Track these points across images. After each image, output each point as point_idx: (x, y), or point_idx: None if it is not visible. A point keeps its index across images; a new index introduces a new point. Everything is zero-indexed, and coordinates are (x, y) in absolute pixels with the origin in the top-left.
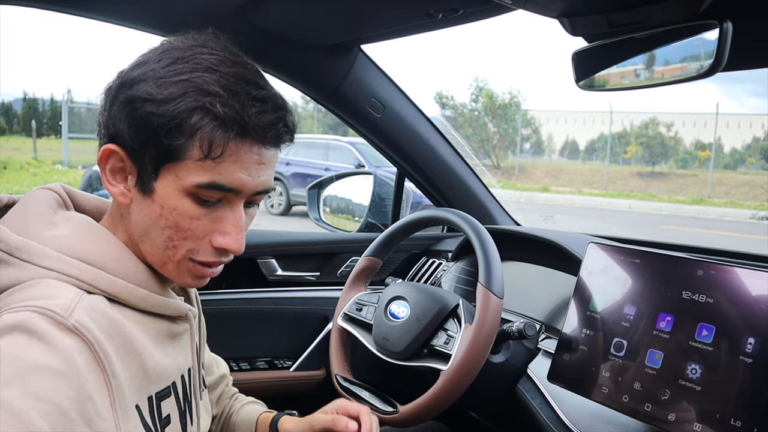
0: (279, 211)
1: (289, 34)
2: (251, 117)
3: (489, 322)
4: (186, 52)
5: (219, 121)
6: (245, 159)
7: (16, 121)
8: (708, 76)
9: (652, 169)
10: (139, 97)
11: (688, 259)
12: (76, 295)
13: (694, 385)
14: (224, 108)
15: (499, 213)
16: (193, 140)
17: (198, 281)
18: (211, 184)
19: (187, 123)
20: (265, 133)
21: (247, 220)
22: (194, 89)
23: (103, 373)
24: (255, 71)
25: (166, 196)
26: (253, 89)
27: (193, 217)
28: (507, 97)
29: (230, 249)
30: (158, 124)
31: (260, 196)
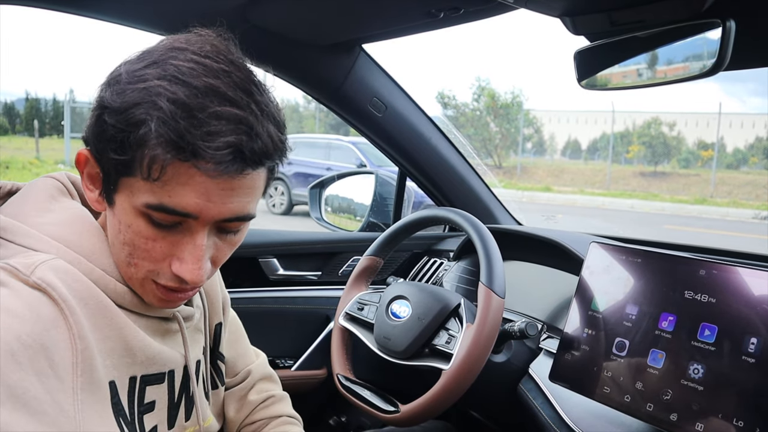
0: (281, 211)
1: (290, 34)
2: (196, 138)
3: (490, 321)
4: (162, 55)
5: (158, 140)
6: (198, 183)
7: (19, 120)
8: (711, 75)
9: (655, 168)
10: (102, 103)
11: (690, 259)
12: (46, 257)
13: (696, 385)
14: (165, 126)
15: (501, 212)
16: (138, 156)
17: (165, 304)
18: (159, 206)
19: (133, 137)
20: (215, 158)
21: (225, 248)
22: (148, 101)
23: (69, 331)
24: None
25: (123, 211)
26: (216, 105)
27: (149, 238)
28: (509, 97)
29: (185, 279)
30: (110, 134)
31: (234, 224)
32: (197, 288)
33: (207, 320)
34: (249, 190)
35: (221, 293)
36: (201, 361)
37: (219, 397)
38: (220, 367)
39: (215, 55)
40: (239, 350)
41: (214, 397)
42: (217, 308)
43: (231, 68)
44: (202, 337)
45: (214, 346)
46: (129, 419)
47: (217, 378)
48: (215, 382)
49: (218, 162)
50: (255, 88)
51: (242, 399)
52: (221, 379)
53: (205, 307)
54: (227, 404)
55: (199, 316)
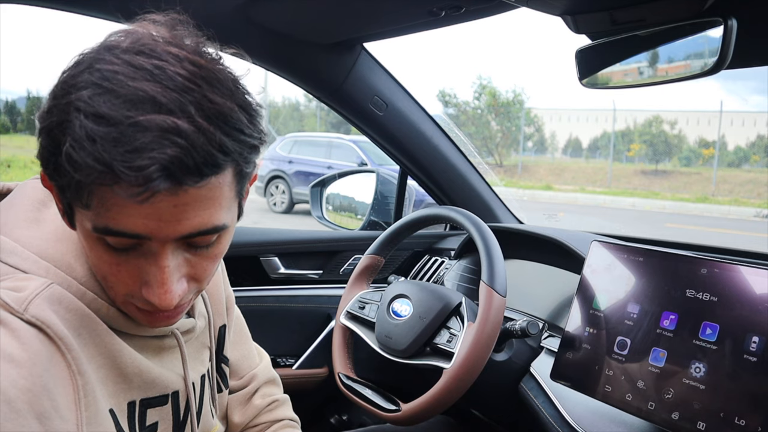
0: (281, 209)
1: (291, 32)
2: (114, 160)
3: (492, 320)
4: (93, 56)
5: (76, 166)
6: (137, 206)
7: (20, 119)
8: (712, 73)
9: (656, 167)
10: (38, 116)
11: (691, 258)
12: (41, 285)
13: (698, 384)
14: (81, 151)
15: (502, 211)
16: (67, 183)
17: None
18: (105, 229)
19: (60, 161)
20: (139, 181)
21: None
22: (65, 120)
23: (68, 368)
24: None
25: (82, 236)
26: (141, 114)
27: (111, 263)
28: (510, 95)
29: (154, 304)
30: (44, 158)
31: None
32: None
33: (212, 327)
34: (208, 201)
35: (225, 292)
36: (206, 373)
37: (223, 400)
38: (224, 370)
39: (151, 48)
40: (243, 351)
41: (220, 400)
42: (221, 310)
43: (168, 61)
44: (206, 351)
45: (218, 350)
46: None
47: (221, 382)
48: (219, 386)
49: (143, 184)
50: (202, 81)
51: (247, 403)
52: (225, 382)
53: (209, 314)
54: (232, 408)
55: (203, 326)
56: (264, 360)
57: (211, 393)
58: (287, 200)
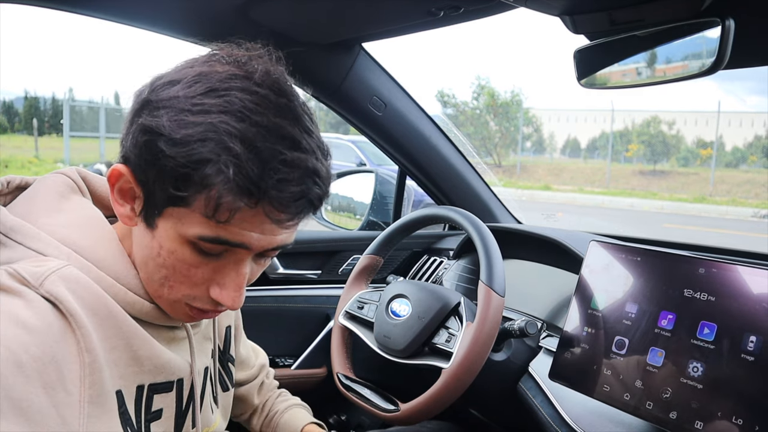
0: None
1: (290, 32)
2: (269, 186)
3: (490, 320)
4: (223, 84)
5: (231, 185)
6: (257, 222)
7: (18, 119)
8: (710, 74)
9: (654, 167)
10: (154, 129)
11: (689, 257)
12: (58, 265)
13: (695, 384)
14: (240, 172)
15: (501, 211)
16: (200, 195)
17: (192, 320)
18: (215, 239)
19: (197, 175)
20: (283, 206)
21: (258, 270)
22: (214, 138)
23: (77, 344)
24: (295, 117)
25: (166, 237)
26: (285, 148)
27: (192, 265)
28: (508, 95)
29: (224, 304)
30: (168, 167)
31: (275, 252)
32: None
33: (216, 324)
34: (295, 226)
35: None
36: (209, 367)
37: (228, 399)
38: (230, 369)
39: (275, 85)
40: (248, 346)
41: (224, 399)
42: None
43: (291, 102)
44: (210, 343)
45: (224, 349)
46: (135, 427)
47: (227, 380)
48: (225, 384)
49: (288, 211)
50: (308, 119)
51: (261, 386)
52: (231, 380)
53: None
54: (251, 395)
55: (207, 322)
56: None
57: (212, 389)
58: None
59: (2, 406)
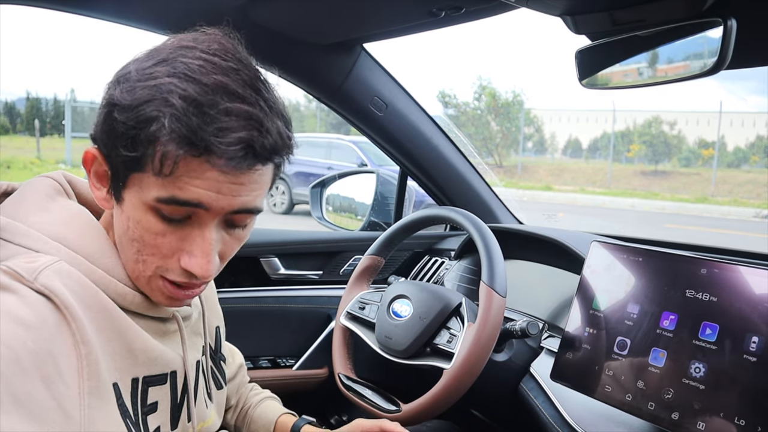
0: (282, 210)
1: (291, 33)
2: (207, 134)
3: (492, 320)
4: (171, 53)
5: (171, 136)
6: (209, 177)
7: (20, 120)
8: (712, 74)
9: (655, 167)
10: (112, 101)
11: (691, 258)
12: (50, 260)
13: (697, 384)
14: (178, 123)
15: (502, 211)
16: (149, 153)
17: (172, 302)
18: (170, 198)
19: (144, 134)
20: (227, 154)
21: (233, 243)
22: (158, 97)
23: (73, 337)
24: (243, 82)
25: (132, 207)
26: (227, 101)
27: (158, 233)
28: (510, 96)
29: (195, 273)
30: (120, 132)
31: (242, 216)
32: (205, 284)
33: (206, 322)
34: (257, 184)
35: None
36: (201, 362)
37: (222, 397)
38: (222, 368)
39: (223, 53)
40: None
41: (218, 397)
42: (216, 312)
43: (239, 66)
44: (201, 339)
45: (216, 348)
46: (134, 420)
47: (221, 378)
48: (219, 382)
49: (230, 157)
50: (262, 85)
51: (239, 387)
52: (224, 379)
53: (203, 308)
54: (230, 393)
55: (197, 316)
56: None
57: (206, 384)
58: (287, 201)
59: (4, 402)
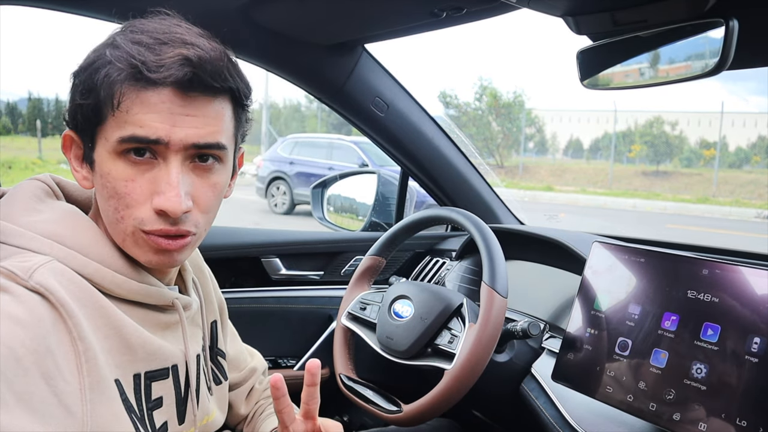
0: (283, 210)
1: (292, 34)
2: (146, 60)
3: (493, 321)
4: (125, 26)
5: (118, 71)
6: (159, 107)
7: (21, 120)
8: (713, 74)
9: (657, 168)
10: (72, 74)
11: (693, 259)
12: (44, 259)
13: (699, 385)
14: (122, 61)
15: (503, 212)
16: (103, 96)
17: (161, 257)
18: (131, 137)
19: (94, 80)
20: (167, 77)
21: (204, 188)
22: (104, 49)
23: (69, 334)
24: (189, 30)
25: (101, 162)
26: (160, 35)
27: (128, 179)
28: (511, 96)
29: (165, 209)
30: (79, 91)
31: (205, 151)
32: (191, 236)
33: (203, 316)
34: (213, 118)
35: (216, 295)
36: (201, 356)
37: (223, 392)
38: (221, 363)
39: (168, 23)
40: (238, 347)
41: (218, 392)
42: (212, 307)
43: (184, 29)
44: (200, 332)
45: (212, 343)
46: (139, 415)
47: (219, 374)
48: (218, 377)
49: (174, 80)
50: (209, 39)
51: (250, 394)
52: (224, 374)
53: (201, 301)
54: (238, 403)
55: (197, 308)
56: (256, 355)
57: (206, 379)
58: (288, 201)
59: (7, 401)
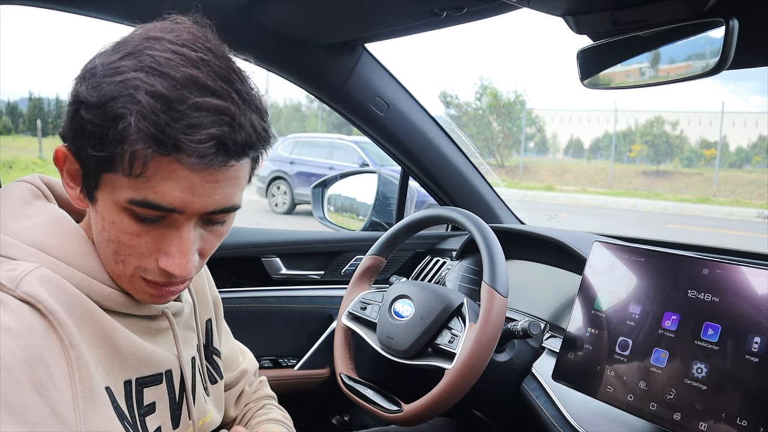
0: (283, 210)
1: (293, 33)
2: (176, 132)
3: (493, 321)
4: (138, 46)
5: (138, 135)
6: (181, 177)
7: (22, 120)
8: (713, 74)
9: (657, 167)
10: (78, 98)
11: (693, 258)
12: (30, 267)
13: (699, 385)
14: (145, 121)
15: (504, 212)
16: (118, 153)
17: (156, 299)
18: (143, 202)
19: (112, 133)
20: (198, 152)
21: (212, 240)
22: (126, 94)
23: (61, 342)
24: (215, 73)
25: (105, 208)
26: (197, 96)
27: (133, 233)
28: (511, 96)
29: (173, 273)
30: (88, 130)
31: (220, 215)
32: (187, 282)
33: (197, 316)
34: (233, 181)
35: (210, 292)
36: (196, 358)
37: (219, 390)
38: (216, 362)
39: (192, 43)
40: (231, 347)
41: (214, 391)
42: (207, 305)
43: (210, 56)
44: (194, 334)
45: (207, 342)
46: (131, 422)
47: (214, 373)
48: (213, 377)
49: (201, 155)
50: (235, 76)
51: (240, 397)
52: (219, 373)
53: (195, 302)
54: (228, 404)
55: (189, 312)
56: (248, 355)
57: (202, 380)
58: (289, 201)
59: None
